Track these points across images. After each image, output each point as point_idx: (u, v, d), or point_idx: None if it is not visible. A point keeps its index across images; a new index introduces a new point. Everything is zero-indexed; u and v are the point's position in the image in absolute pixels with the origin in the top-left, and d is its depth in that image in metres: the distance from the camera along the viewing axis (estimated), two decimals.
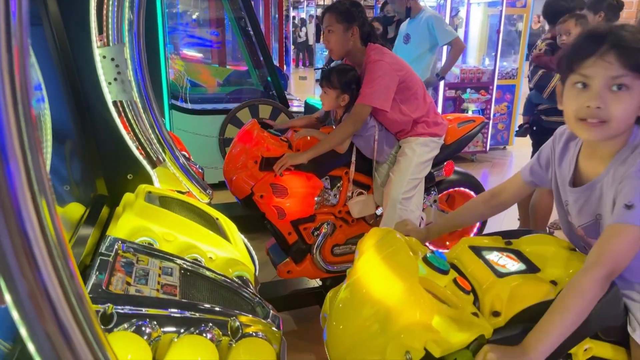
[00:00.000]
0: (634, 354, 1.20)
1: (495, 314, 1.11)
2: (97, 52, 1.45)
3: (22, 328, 0.42)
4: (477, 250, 1.26)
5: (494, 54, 5.63)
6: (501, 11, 5.52)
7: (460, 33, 6.00)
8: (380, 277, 1.17)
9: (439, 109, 5.36)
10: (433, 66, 4.14)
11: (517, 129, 3.73)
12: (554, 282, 1.16)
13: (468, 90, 5.55)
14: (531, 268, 1.20)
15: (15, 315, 0.42)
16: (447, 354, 1.02)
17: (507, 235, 1.36)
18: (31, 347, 0.43)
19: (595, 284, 1.05)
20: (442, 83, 5.32)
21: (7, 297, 0.40)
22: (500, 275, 1.16)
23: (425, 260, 1.18)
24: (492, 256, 1.23)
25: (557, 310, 1.05)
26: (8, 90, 0.37)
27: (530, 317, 1.10)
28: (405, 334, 1.05)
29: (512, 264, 1.20)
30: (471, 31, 6.06)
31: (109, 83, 1.49)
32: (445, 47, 4.34)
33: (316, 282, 2.75)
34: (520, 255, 1.25)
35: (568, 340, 1.09)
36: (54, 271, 0.41)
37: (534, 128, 3.38)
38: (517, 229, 1.42)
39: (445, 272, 1.15)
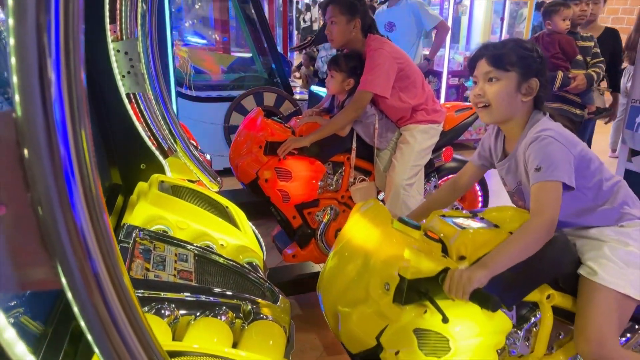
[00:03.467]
0: (581, 290, 1.43)
1: (461, 258, 1.29)
2: (111, 46, 1.50)
3: (75, 307, 0.48)
4: (446, 217, 1.42)
5: (498, 40, 5.63)
6: None
7: (465, 20, 6.01)
8: (362, 234, 1.37)
9: (442, 97, 5.39)
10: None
11: None
12: (511, 233, 1.35)
13: (471, 77, 5.56)
14: (492, 226, 1.39)
15: (68, 295, 0.48)
16: (416, 277, 1.19)
17: (475, 212, 1.52)
18: (82, 323, 0.49)
19: (540, 226, 1.33)
20: (445, 70, 5.34)
21: (64, 280, 0.47)
22: (464, 229, 1.34)
23: (400, 219, 1.36)
24: (459, 220, 1.41)
25: (510, 240, 1.32)
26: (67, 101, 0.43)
27: None
28: (382, 267, 1.24)
29: (475, 224, 1.39)
30: (475, 18, 6.05)
31: (123, 76, 1.54)
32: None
33: (320, 267, 2.82)
34: (483, 220, 1.43)
35: (526, 281, 1.35)
36: (103, 260, 0.48)
37: None
38: (486, 208, 1.64)
39: (417, 228, 1.32)
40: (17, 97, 0.43)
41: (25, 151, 0.44)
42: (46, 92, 0.43)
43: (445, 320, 1.19)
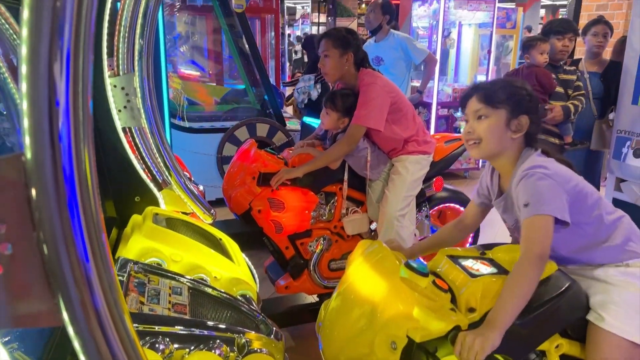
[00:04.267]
0: (589, 337, 1.38)
1: (471, 310, 1.25)
2: (109, 82, 1.54)
3: (76, 342, 0.50)
4: (454, 259, 1.40)
5: (485, 72, 5.78)
6: (491, 32, 5.69)
7: (453, 53, 6.16)
8: (367, 281, 1.32)
9: (432, 127, 5.48)
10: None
11: None
12: None
13: (460, 109, 5.67)
14: (502, 271, 1.35)
15: (70, 330, 0.49)
16: (426, 339, 1.15)
17: (483, 247, 1.50)
18: (82, 358, 0.50)
19: (527, 265, 1.30)
20: (434, 102, 5.46)
21: (65, 316, 0.48)
22: (474, 276, 1.31)
23: (407, 265, 1.31)
24: (468, 262, 1.38)
25: (507, 290, 1.28)
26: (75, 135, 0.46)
27: None
28: (389, 325, 1.19)
29: (485, 269, 1.35)
30: (463, 51, 6.21)
31: (119, 110, 1.57)
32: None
33: (313, 298, 2.81)
34: (493, 262, 1.40)
35: (539, 334, 1.31)
36: (104, 296, 0.49)
37: None
38: (493, 242, 1.57)
39: (425, 275, 1.28)
40: (27, 140, 0.46)
41: (33, 192, 0.46)
42: (55, 137, 0.45)
43: None
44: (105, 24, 1.49)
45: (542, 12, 15.39)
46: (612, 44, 3.69)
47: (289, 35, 13.08)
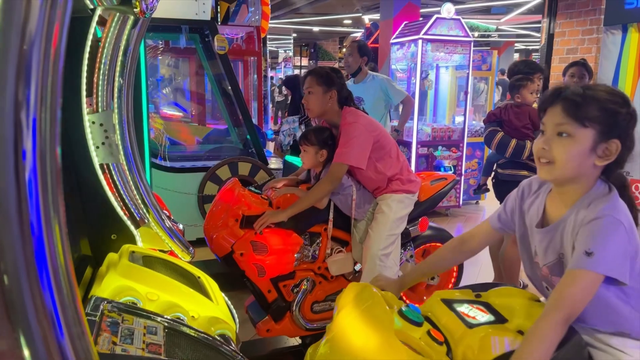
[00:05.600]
0: None
1: None
2: (87, 118, 1.52)
3: None
4: (449, 303, 1.34)
5: (463, 113, 5.92)
6: (468, 74, 5.86)
7: (431, 94, 6.31)
8: (358, 332, 1.23)
9: (413, 166, 5.54)
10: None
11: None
12: (520, 332, 1.23)
13: (440, 147, 5.77)
14: (499, 319, 1.28)
15: None
16: None
17: (477, 288, 1.44)
18: None
19: (553, 327, 1.13)
20: (414, 141, 5.55)
21: (26, 352, 0.45)
22: (471, 326, 1.24)
23: (401, 313, 1.24)
24: (463, 308, 1.31)
25: (521, 353, 1.13)
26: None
27: None
28: None
29: (481, 316, 1.28)
30: (440, 92, 6.37)
31: (97, 147, 1.55)
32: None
33: (296, 341, 2.74)
34: (489, 307, 1.32)
35: None
36: (68, 332, 0.46)
37: (494, 180, 3.57)
38: (486, 282, 1.50)
39: (419, 325, 1.21)
40: None
41: None
42: (19, 167, 0.43)
43: None
44: (85, 61, 1.49)
45: (516, 55, 16.02)
46: None
47: (272, 78, 13.31)
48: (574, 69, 3.49)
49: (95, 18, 1.49)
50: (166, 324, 1.20)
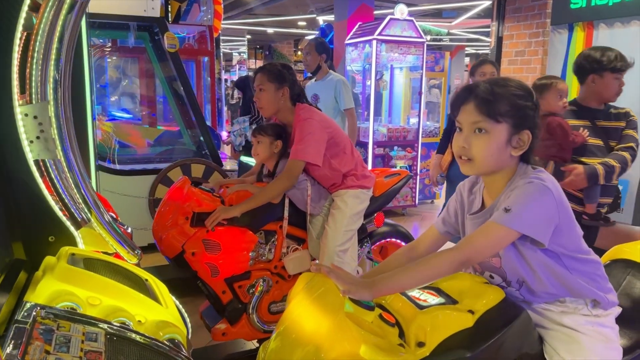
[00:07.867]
0: None
1: (420, 344, 1.18)
2: (18, 110, 1.40)
3: None
4: None
5: (417, 114, 5.99)
6: (422, 75, 5.94)
7: (386, 95, 6.37)
8: (309, 318, 1.22)
9: (369, 166, 5.56)
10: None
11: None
12: (471, 312, 1.25)
13: (395, 148, 5.82)
14: (450, 300, 1.30)
15: None
16: None
17: None
18: None
19: (448, 262, 1.24)
20: (370, 141, 5.57)
21: None
22: (422, 307, 1.25)
23: (352, 299, 1.21)
24: (414, 293, 1.32)
25: (412, 268, 1.25)
26: None
27: (452, 346, 1.18)
28: None
29: (432, 299, 1.30)
30: (395, 93, 6.43)
31: (31, 141, 1.43)
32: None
33: (253, 344, 2.65)
34: (439, 291, 1.34)
35: None
36: None
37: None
38: None
39: (371, 308, 1.20)
40: None
41: None
42: None
43: None
44: (16, 47, 1.37)
45: (467, 59, 16.49)
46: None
47: (226, 81, 13.12)
48: (485, 68, 3.28)
49: (27, 1, 1.37)
50: (108, 330, 1.11)
